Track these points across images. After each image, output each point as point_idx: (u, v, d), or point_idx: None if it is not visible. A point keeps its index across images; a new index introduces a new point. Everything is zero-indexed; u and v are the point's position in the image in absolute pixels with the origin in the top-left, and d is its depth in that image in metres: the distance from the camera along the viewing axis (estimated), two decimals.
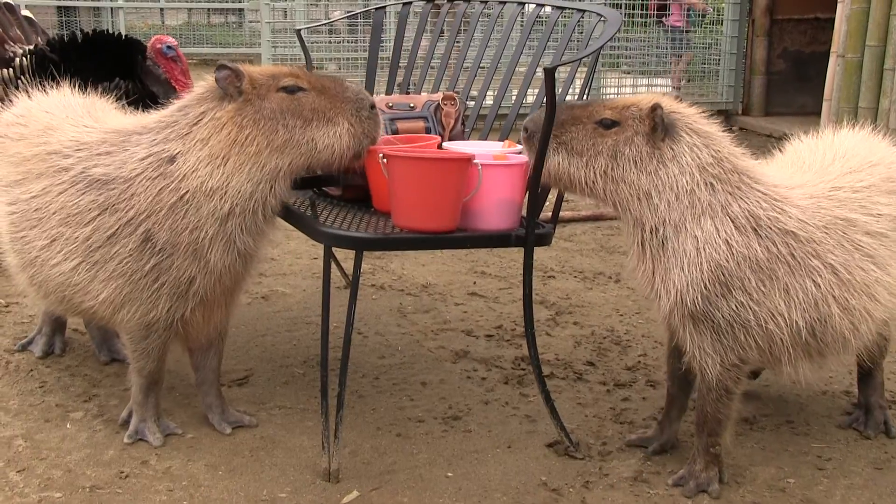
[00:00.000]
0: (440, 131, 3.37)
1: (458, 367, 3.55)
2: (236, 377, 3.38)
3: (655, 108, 2.50)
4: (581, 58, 3.03)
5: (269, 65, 2.80)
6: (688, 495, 2.66)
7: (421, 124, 3.34)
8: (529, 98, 3.93)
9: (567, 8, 3.58)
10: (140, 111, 3.31)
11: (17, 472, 2.71)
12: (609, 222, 5.82)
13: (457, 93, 3.56)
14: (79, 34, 4.33)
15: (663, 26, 11.43)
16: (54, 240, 2.77)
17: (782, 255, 2.52)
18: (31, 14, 4.72)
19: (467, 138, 3.47)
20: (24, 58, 4.18)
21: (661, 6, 11.36)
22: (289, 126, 2.64)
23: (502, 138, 3.31)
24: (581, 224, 5.90)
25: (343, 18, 8.14)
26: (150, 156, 2.68)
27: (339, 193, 3.06)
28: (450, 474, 2.76)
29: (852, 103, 7.32)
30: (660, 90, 10.86)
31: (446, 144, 3.00)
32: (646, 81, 11.03)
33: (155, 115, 2.82)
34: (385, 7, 4.37)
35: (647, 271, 2.59)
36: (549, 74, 2.56)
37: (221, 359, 3.05)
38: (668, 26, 11.39)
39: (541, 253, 4.87)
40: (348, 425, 2.98)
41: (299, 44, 4.24)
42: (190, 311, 2.77)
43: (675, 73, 11.45)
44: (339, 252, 3.76)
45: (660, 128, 2.51)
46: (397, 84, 4.11)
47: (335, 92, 2.70)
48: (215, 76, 2.66)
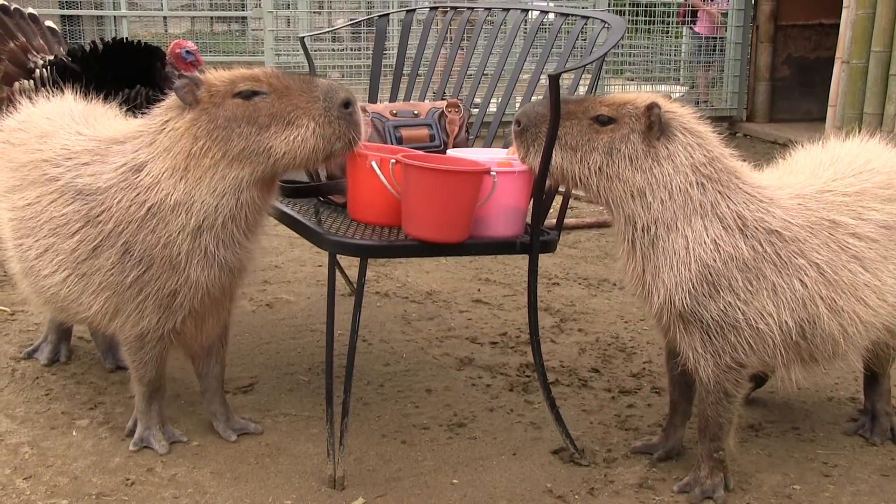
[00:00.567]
0: (444, 138, 3.38)
1: (462, 374, 3.55)
2: (241, 384, 3.38)
3: (652, 106, 2.50)
4: (585, 64, 3.04)
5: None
6: (693, 502, 2.65)
7: (425, 131, 3.35)
8: None
9: (571, 14, 3.59)
10: None
11: (24, 479, 2.71)
12: (613, 229, 5.80)
13: (461, 100, 3.57)
14: (99, 43, 4.37)
15: (693, 32, 11.08)
16: (46, 250, 2.73)
17: (768, 255, 2.52)
18: (53, 24, 4.75)
19: (471, 145, 3.48)
20: (44, 69, 4.21)
21: (691, 13, 11.03)
22: (243, 134, 2.48)
23: (506, 145, 3.31)
24: (585, 231, 5.90)
25: (346, 26, 8.15)
26: (123, 165, 2.61)
27: (344, 201, 3.06)
28: (455, 481, 2.76)
29: (857, 109, 7.30)
30: (668, 97, 10.75)
31: (450, 152, 3.00)
32: (649, 88, 10.99)
33: (136, 123, 2.76)
34: (388, 14, 4.38)
35: (636, 270, 2.59)
36: (554, 81, 2.55)
37: (224, 366, 3.04)
38: (701, 34, 10.97)
39: (545, 260, 4.87)
40: (353, 432, 2.99)
41: (303, 52, 4.26)
42: (180, 323, 2.71)
43: (703, 81, 11.03)
44: (344, 259, 3.76)
45: (656, 126, 2.51)
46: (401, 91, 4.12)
47: (300, 92, 2.51)
48: (174, 86, 2.55)
